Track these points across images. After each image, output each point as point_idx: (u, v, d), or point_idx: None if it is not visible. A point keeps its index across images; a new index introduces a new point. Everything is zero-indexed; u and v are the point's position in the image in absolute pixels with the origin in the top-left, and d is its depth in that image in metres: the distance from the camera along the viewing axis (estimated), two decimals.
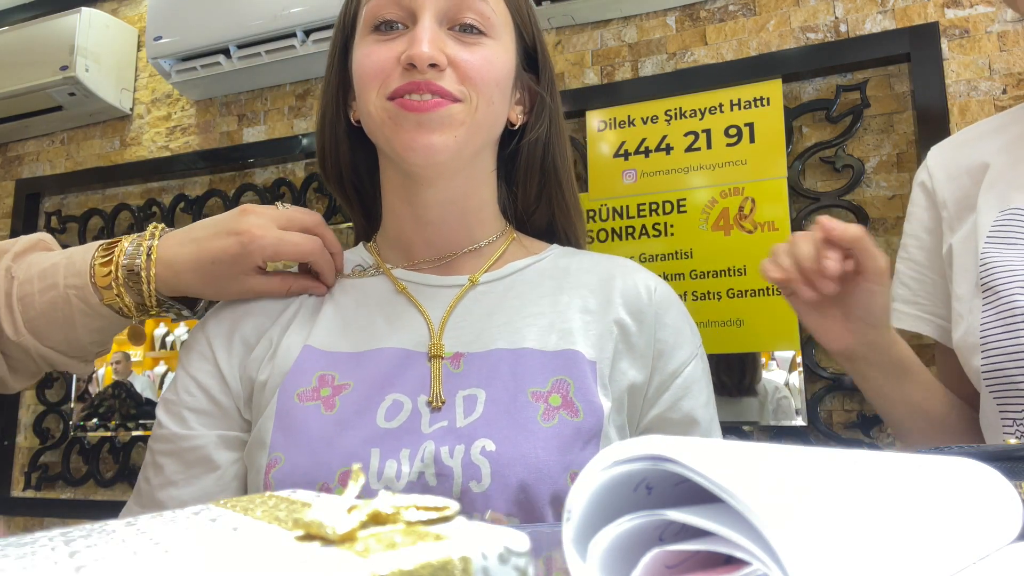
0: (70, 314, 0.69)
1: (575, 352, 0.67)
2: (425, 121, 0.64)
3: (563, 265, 0.75)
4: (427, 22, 0.65)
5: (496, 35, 0.68)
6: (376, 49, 0.67)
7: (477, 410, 0.63)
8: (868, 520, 0.24)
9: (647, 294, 0.72)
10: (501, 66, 0.69)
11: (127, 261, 0.69)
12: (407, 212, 0.74)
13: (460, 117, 0.66)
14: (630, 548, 0.25)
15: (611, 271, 0.74)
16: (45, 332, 0.71)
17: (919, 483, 0.28)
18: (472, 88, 0.66)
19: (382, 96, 0.66)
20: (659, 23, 1.66)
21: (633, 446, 0.24)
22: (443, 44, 0.65)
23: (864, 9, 1.49)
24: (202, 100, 2.12)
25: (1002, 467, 0.34)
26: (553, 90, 0.77)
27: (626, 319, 0.70)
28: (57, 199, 2.28)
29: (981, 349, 0.69)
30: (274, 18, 1.81)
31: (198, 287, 0.71)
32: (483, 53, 0.67)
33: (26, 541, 0.22)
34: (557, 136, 0.77)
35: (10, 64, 2.11)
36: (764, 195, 1.49)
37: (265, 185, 2.00)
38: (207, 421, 0.69)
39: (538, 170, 0.77)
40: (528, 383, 0.64)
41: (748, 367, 1.48)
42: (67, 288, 0.69)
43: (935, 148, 0.88)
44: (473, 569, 0.18)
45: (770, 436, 1.45)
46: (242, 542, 0.21)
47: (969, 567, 0.29)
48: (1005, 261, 0.70)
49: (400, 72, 0.65)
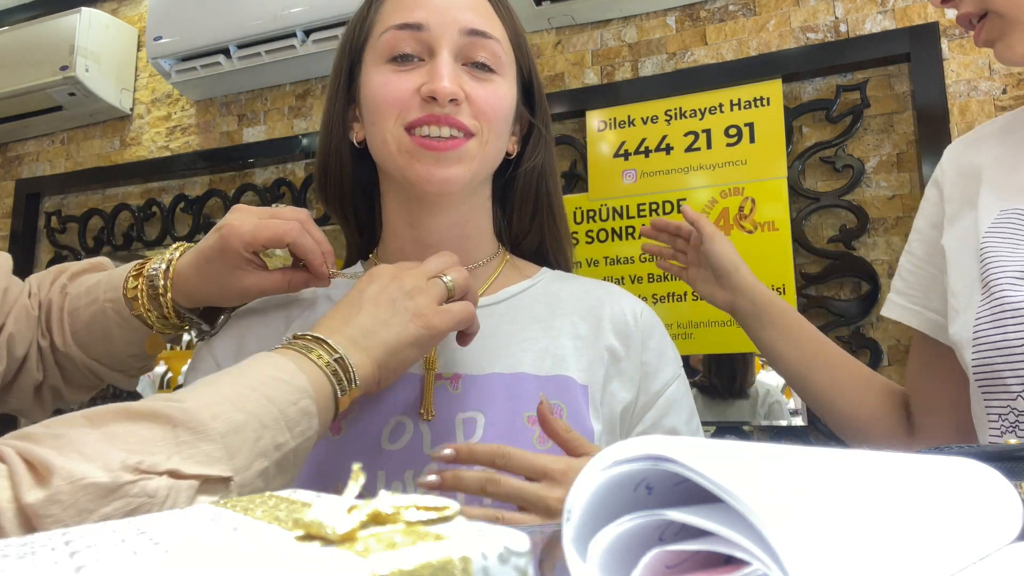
0: (107, 326, 0.73)
1: (567, 378, 0.70)
2: (443, 158, 0.67)
3: (554, 291, 0.79)
4: (446, 57, 0.68)
5: (504, 72, 0.72)
6: (393, 79, 0.68)
7: (477, 433, 0.66)
8: (868, 520, 0.24)
9: (633, 319, 0.76)
10: (508, 101, 0.72)
11: (151, 273, 0.73)
12: (408, 234, 0.75)
13: (473, 151, 0.69)
14: (630, 548, 0.25)
15: (600, 298, 0.78)
16: (88, 344, 0.75)
17: (919, 483, 0.28)
18: (485, 122, 0.69)
19: (399, 126, 0.68)
20: (659, 23, 1.66)
21: (633, 446, 0.24)
22: (460, 80, 0.68)
23: (864, 9, 1.49)
24: (202, 100, 2.12)
25: (1002, 467, 0.34)
26: (547, 121, 0.81)
27: (615, 344, 0.74)
28: (57, 199, 2.28)
29: (972, 343, 0.69)
30: (274, 18, 1.81)
31: (203, 291, 0.73)
32: (493, 89, 0.70)
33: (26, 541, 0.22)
34: (550, 166, 0.81)
35: (10, 64, 2.11)
36: (764, 195, 1.49)
37: (265, 185, 2.00)
38: None
39: (533, 197, 0.80)
40: (524, 407, 0.67)
41: (739, 369, 1.48)
42: (105, 302, 0.73)
43: (950, 146, 0.90)
44: (473, 569, 0.18)
45: (769, 436, 1.45)
46: (242, 542, 0.21)
47: (969, 567, 0.29)
48: (1000, 257, 0.70)
49: (419, 104, 0.67)
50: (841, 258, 1.45)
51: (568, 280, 0.81)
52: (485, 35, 0.69)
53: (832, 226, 1.47)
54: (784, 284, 1.45)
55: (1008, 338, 0.66)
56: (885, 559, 0.23)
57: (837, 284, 1.46)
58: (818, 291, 1.47)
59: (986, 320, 0.69)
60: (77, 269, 0.79)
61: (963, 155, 0.84)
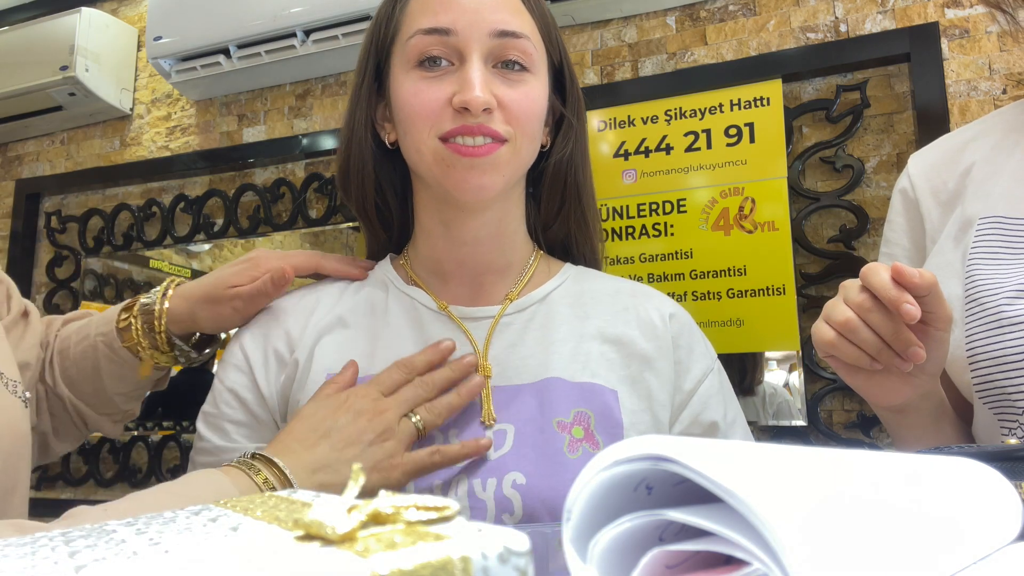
0: (96, 361, 0.75)
1: (595, 385, 0.69)
2: (478, 164, 0.67)
3: (580, 290, 0.78)
4: (476, 63, 0.66)
5: (535, 70, 0.70)
6: (424, 88, 0.68)
7: (507, 443, 0.66)
8: (868, 520, 0.24)
9: (661, 320, 0.75)
10: (540, 101, 0.71)
11: (145, 301, 0.76)
12: (441, 232, 0.75)
13: (507, 157, 0.68)
14: (630, 548, 0.25)
15: (627, 298, 0.77)
16: (77, 382, 0.76)
17: (919, 483, 0.28)
18: (517, 128, 0.68)
19: (433, 136, 0.67)
20: (659, 23, 1.66)
21: (633, 446, 0.24)
22: (492, 85, 0.67)
23: (864, 9, 1.49)
24: (202, 100, 2.12)
25: (1002, 467, 0.34)
26: (579, 110, 0.78)
27: (645, 346, 0.73)
28: (57, 199, 2.27)
29: (969, 362, 0.68)
30: (274, 18, 1.81)
31: (213, 316, 0.75)
32: (525, 91, 0.69)
33: (26, 541, 0.22)
34: (581, 155, 0.79)
35: (10, 64, 2.11)
36: (764, 195, 1.49)
37: (265, 185, 2.00)
38: (248, 433, 0.71)
39: (561, 188, 0.78)
40: (553, 413, 0.67)
41: (748, 368, 1.48)
42: (96, 336, 0.75)
43: (916, 156, 0.88)
44: (473, 569, 0.18)
45: (770, 436, 1.45)
46: (242, 542, 0.21)
47: (969, 567, 0.29)
48: (988, 275, 0.69)
49: (452, 114, 0.66)
50: (841, 258, 1.45)
51: (595, 279, 0.81)
52: (515, 35, 0.68)
53: (832, 226, 1.47)
54: (784, 284, 1.45)
55: (1007, 351, 0.65)
56: (885, 559, 0.23)
57: (837, 284, 1.45)
58: (818, 291, 1.47)
59: (980, 336, 0.67)
60: (71, 315, 0.83)
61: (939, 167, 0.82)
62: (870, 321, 0.60)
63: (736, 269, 1.48)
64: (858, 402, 1.41)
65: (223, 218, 2.02)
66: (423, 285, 0.76)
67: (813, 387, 1.44)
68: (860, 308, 0.61)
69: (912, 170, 0.86)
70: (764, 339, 1.45)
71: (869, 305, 0.60)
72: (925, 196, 0.82)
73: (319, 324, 0.73)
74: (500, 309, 0.74)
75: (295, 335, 0.73)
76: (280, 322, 0.75)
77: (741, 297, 1.47)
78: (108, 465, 2.01)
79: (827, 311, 0.64)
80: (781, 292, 1.44)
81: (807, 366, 1.43)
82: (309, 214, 1.91)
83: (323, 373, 0.69)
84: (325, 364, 0.70)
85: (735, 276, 1.48)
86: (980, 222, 0.73)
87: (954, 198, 0.79)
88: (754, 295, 1.46)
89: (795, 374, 1.44)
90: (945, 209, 0.79)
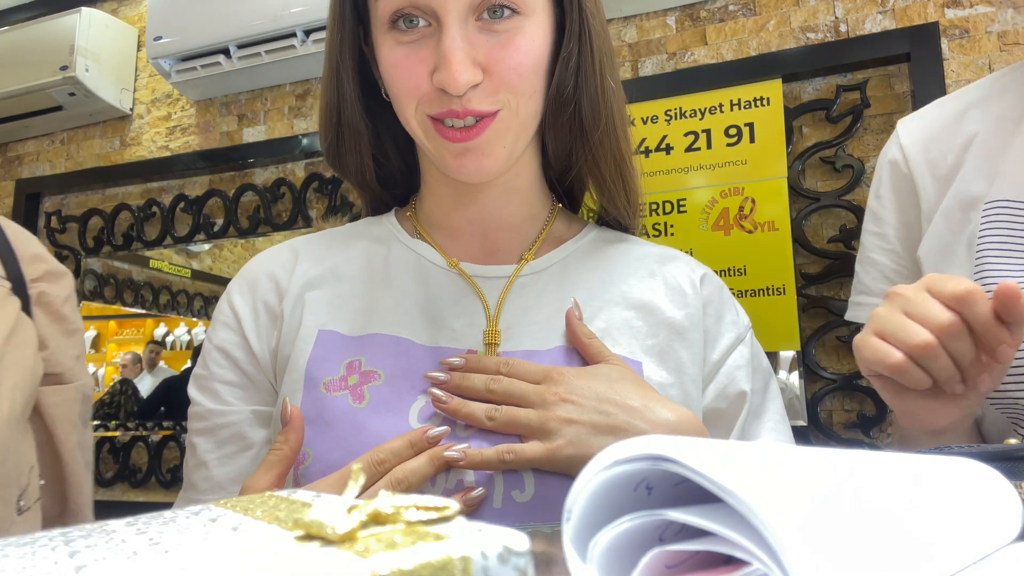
0: None
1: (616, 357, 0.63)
2: (471, 148, 0.60)
3: (602, 253, 0.71)
4: (454, 28, 0.57)
5: (528, 8, 0.59)
6: (402, 58, 0.60)
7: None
8: (868, 520, 0.24)
9: (691, 286, 0.69)
10: (537, 49, 0.61)
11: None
12: (447, 192, 0.69)
13: (504, 125, 0.61)
14: (630, 548, 0.25)
15: (654, 264, 0.70)
16: None
17: (919, 483, 0.28)
18: (511, 92, 0.60)
19: (422, 113, 0.61)
20: (659, 23, 1.66)
21: (633, 446, 0.24)
22: (474, 50, 0.58)
23: (864, 9, 1.49)
24: (202, 100, 2.12)
25: (1002, 467, 0.34)
26: (582, 4, 0.63)
27: (675, 314, 0.66)
28: (57, 199, 2.28)
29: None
30: (274, 18, 1.81)
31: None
32: (517, 43, 0.59)
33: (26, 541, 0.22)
34: (590, 68, 0.63)
35: (10, 64, 2.11)
36: (764, 195, 1.49)
37: (265, 185, 2.00)
38: (241, 394, 0.66)
39: (568, 120, 0.65)
40: None
41: None
42: None
43: (907, 123, 0.79)
44: (473, 569, 0.18)
45: None
46: (242, 542, 0.21)
47: (969, 567, 0.29)
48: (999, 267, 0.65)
49: (435, 94, 0.59)
50: (841, 258, 1.45)
51: (619, 240, 0.73)
52: None
53: (832, 226, 1.47)
54: (784, 284, 1.45)
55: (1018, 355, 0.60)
56: (885, 559, 0.23)
57: (837, 284, 1.46)
58: (818, 291, 1.47)
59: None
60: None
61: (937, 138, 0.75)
62: (952, 349, 0.52)
63: (736, 269, 1.49)
64: (858, 402, 1.41)
65: (223, 218, 2.03)
66: (430, 240, 0.70)
67: (813, 387, 1.44)
68: (946, 333, 0.51)
69: (905, 140, 0.77)
70: (764, 339, 1.44)
71: (958, 331, 0.51)
72: (921, 171, 0.75)
73: (308, 273, 0.68)
74: (515, 269, 0.68)
75: (283, 282, 0.68)
76: (267, 271, 0.69)
77: (741, 297, 1.47)
78: (108, 465, 2.01)
79: (895, 329, 0.54)
80: (781, 292, 1.44)
81: (807, 366, 1.43)
82: (309, 214, 1.91)
83: (314, 329, 0.64)
84: (318, 320, 0.65)
85: (735, 276, 1.48)
86: (987, 206, 0.67)
87: (952, 171, 0.72)
88: (754, 295, 1.46)
89: (795, 374, 1.44)
90: (942, 184, 0.73)
